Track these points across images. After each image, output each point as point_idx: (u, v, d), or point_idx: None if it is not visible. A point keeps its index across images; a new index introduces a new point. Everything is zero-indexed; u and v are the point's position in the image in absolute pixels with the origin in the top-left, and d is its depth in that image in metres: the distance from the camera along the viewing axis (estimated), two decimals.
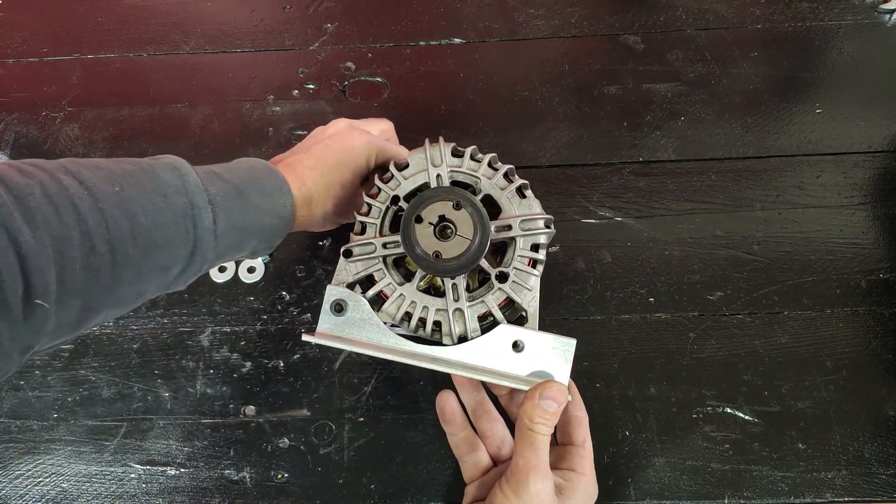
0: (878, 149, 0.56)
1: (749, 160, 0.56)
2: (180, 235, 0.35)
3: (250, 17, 0.66)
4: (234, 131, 0.60)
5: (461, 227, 0.39)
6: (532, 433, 0.37)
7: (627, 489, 0.45)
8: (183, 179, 0.35)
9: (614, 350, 0.49)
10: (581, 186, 0.55)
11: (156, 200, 0.34)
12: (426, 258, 0.39)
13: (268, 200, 0.39)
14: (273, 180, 0.40)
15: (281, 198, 0.40)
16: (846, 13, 0.63)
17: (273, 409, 0.48)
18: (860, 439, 0.45)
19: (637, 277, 0.51)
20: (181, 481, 0.46)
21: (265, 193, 0.39)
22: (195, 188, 0.35)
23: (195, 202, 0.35)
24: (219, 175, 0.38)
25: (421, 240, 0.39)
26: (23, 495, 0.46)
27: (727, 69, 0.61)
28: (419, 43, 0.64)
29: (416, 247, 0.39)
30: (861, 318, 0.49)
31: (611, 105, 0.59)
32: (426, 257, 0.39)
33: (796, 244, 0.52)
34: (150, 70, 0.64)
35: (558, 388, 0.38)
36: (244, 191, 0.38)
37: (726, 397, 0.47)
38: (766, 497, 0.44)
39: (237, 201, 0.37)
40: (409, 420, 0.47)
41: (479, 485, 0.42)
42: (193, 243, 0.35)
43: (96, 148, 0.59)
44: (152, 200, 0.34)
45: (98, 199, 0.31)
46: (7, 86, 0.63)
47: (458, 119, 0.59)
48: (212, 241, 0.36)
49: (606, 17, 0.64)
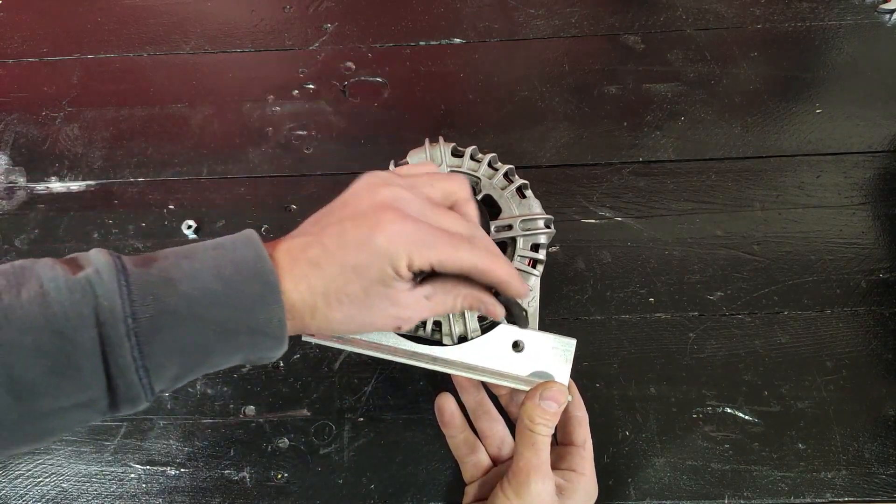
0: (878, 149, 0.56)
1: (749, 160, 0.56)
2: (81, 381, 0.26)
3: (250, 17, 0.66)
4: (234, 131, 0.60)
5: None
6: (532, 434, 0.37)
7: (627, 489, 0.45)
8: (96, 303, 0.26)
9: (614, 350, 0.49)
10: (581, 186, 0.55)
11: (44, 343, 0.25)
12: None
13: (241, 316, 0.28)
14: (256, 286, 0.29)
15: (264, 311, 0.29)
16: (846, 13, 0.63)
17: (273, 409, 0.48)
18: (860, 439, 0.45)
19: (637, 277, 0.51)
20: (181, 481, 0.46)
21: (236, 307, 0.28)
22: (109, 317, 0.26)
23: (108, 336, 0.26)
24: (169, 282, 0.28)
25: None
26: (23, 495, 0.46)
27: (727, 69, 0.61)
28: (419, 43, 0.64)
29: None
30: (861, 318, 0.49)
31: (611, 105, 0.59)
32: None
33: (796, 244, 0.52)
34: (150, 70, 0.64)
35: (558, 388, 0.38)
36: (201, 306, 0.28)
37: (726, 397, 0.47)
38: (766, 497, 0.44)
39: (187, 322, 0.28)
40: (409, 420, 0.47)
41: (479, 485, 0.42)
42: (106, 384, 0.27)
43: (96, 148, 0.59)
44: (39, 343, 0.25)
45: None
46: (7, 86, 0.63)
47: (458, 119, 0.59)
48: (135, 378, 0.27)
49: (606, 17, 0.64)
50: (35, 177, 0.58)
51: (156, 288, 0.27)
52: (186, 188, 0.57)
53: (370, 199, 0.31)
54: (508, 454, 0.43)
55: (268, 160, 0.58)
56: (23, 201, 0.57)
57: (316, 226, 0.32)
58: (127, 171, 0.58)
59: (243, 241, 0.30)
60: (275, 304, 0.29)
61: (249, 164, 0.58)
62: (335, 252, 0.30)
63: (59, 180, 0.58)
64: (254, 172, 0.57)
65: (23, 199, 0.57)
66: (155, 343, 0.27)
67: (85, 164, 0.58)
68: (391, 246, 0.30)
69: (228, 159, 0.58)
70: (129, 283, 0.27)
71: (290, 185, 0.57)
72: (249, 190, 0.57)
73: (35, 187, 0.58)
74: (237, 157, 0.58)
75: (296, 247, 0.31)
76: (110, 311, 0.26)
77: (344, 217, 0.31)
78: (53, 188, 0.58)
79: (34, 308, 0.26)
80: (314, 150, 0.58)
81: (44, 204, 0.57)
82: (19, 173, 0.58)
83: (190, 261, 0.29)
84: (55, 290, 0.26)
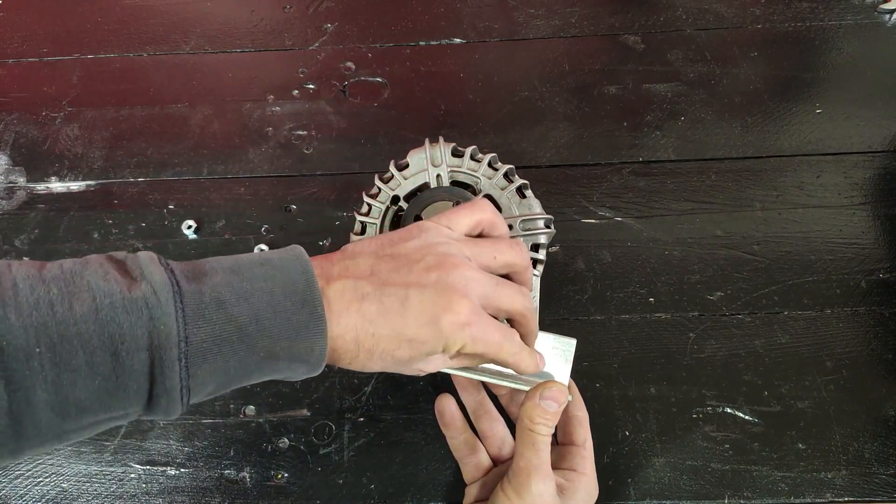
0: (878, 149, 0.56)
1: (749, 160, 0.56)
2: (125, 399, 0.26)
3: (250, 17, 0.66)
4: (233, 131, 0.60)
5: None
6: (533, 434, 0.37)
7: (627, 489, 0.45)
8: (152, 326, 0.26)
9: (614, 350, 0.49)
10: (581, 186, 0.55)
11: (98, 363, 0.25)
12: None
13: (285, 344, 0.29)
14: (304, 315, 0.29)
15: (307, 340, 0.29)
16: (846, 13, 0.63)
17: (273, 409, 0.48)
18: (860, 439, 0.45)
19: (637, 277, 0.51)
20: (181, 481, 0.46)
21: (283, 336, 0.28)
22: (164, 340, 0.26)
23: (160, 359, 0.26)
24: (221, 305, 0.27)
25: None
26: (23, 495, 0.46)
27: (727, 69, 0.61)
28: (419, 43, 0.64)
29: None
30: (861, 318, 0.49)
31: (611, 105, 0.59)
32: None
33: (796, 244, 0.52)
34: (150, 70, 0.64)
35: (559, 388, 0.38)
36: (250, 334, 0.28)
37: (726, 397, 0.47)
38: (766, 497, 0.44)
39: (236, 346, 0.28)
40: (409, 420, 0.47)
41: (480, 485, 0.42)
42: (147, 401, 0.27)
43: (96, 148, 0.59)
44: (92, 364, 0.25)
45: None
46: (7, 86, 0.63)
47: (458, 119, 0.59)
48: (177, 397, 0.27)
49: (606, 17, 0.64)
50: (35, 177, 0.58)
51: (208, 310, 0.27)
52: (186, 188, 0.57)
53: (438, 273, 0.31)
54: (509, 454, 0.43)
55: (268, 160, 0.58)
56: (23, 201, 0.57)
57: (372, 272, 0.31)
58: (127, 171, 0.58)
59: (293, 262, 0.30)
60: (319, 336, 0.29)
61: (249, 164, 0.58)
62: (394, 318, 0.30)
63: (59, 180, 0.58)
64: (254, 172, 0.57)
65: (23, 199, 0.57)
66: (203, 366, 0.27)
67: (85, 164, 0.58)
68: (453, 335, 0.31)
69: (228, 159, 0.58)
70: (184, 306, 0.27)
71: (290, 185, 0.57)
72: (249, 190, 0.57)
73: (35, 187, 0.58)
74: (237, 157, 0.58)
75: (350, 290, 0.31)
76: (166, 336, 0.26)
77: (409, 282, 0.31)
78: (53, 188, 0.58)
79: (89, 326, 0.25)
80: (314, 150, 0.58)
81: (44, 204, 0.57)
82: (19, 173, 0.58)
83: (239, 277, 0.28)
84: (110, 308, 0.25)
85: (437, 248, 0.32)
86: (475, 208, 0.36)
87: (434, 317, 0.31)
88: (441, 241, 0.33)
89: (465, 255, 0.33)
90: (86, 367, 0.25)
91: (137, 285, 0.26)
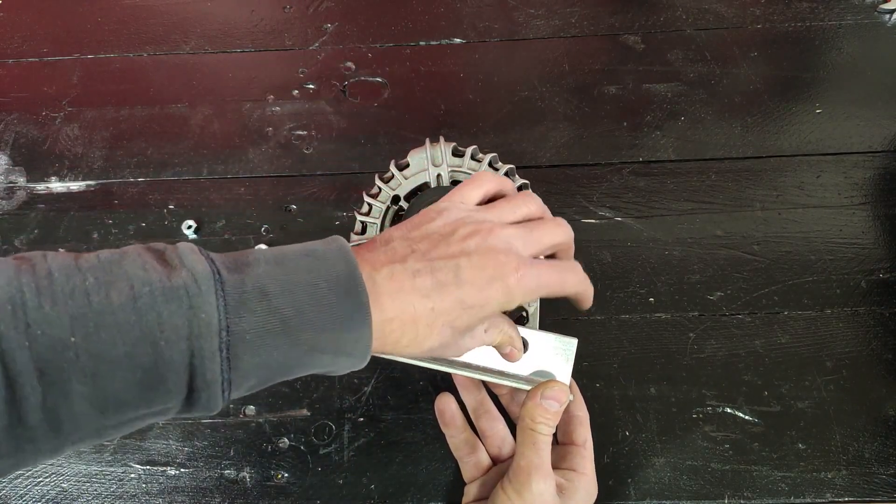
0: (878, 149, 0.56)
1: (749, 160, 0.56)
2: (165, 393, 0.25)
3: (250, 17, 0.66)
4: (233, 131, 0.60)
5: None
6: (534, 433, 0.37)
7: (627, 489, 0.45)
8: (192, 314, 0.25)
9: (614, 350, 0.49)
10: (581, 186, 0.55)
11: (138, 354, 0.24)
12: None
13: (330, 336, 0.28)
14: (349, 305, 0.28)
15: (352, 332, 0.28)
16: (846, 13, 0.63)
17: (273, 409, 0.48)
18: (860, 439, 0.45)
19: (637, 277, 0.51)
20: (181, 481, 0.46)
21: (327, 329, 0.28)
22: (205, 330, 0.25)
23: (200, 349, 0.25)
24: (264, 296, 0.27)
25: None
26: (23, 495, 0.46)
27: (727, 69, 0.61)
28: (419, 43, 0.64)
29: None
30: (861, 318, 0.49)
31: (611, 105, 0.59)
32: None
33: (796, 244, 0.52)
34: (150, 70, 0.64)
35: (560, 387, 0.38)
36: (294, 326, 0.27)
37: (726, 397, 0.47)
38: (766, 497, 0.44)
39: (279, 339, 0.27)
40: (409, 420, 0.47)
41: (479, 484, 0.42)
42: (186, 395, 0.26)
43: (96, 148, 0.59)
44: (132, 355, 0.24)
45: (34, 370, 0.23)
46: (7, 86, 0.63)
47: (458, 119, 0.59)
48: (217, 391, 0.26)
49: (606, 17, 0.64)
50: (35, 177, 0.58)
51: (251, 300, 0.26)
52: (186, 188, 0.57)
53: (475, 240, 0.32)
54: (509, 453, 0.43)
55: (268, 160, 0.58)
56: (23, 201, 0.57)
57: (413, 251, 0.32)
58: (127, 171, 0.58)
59: (336, 252, 0.30)
60: (364, 327, 0.29)
61: (249, 164, 0.58)
62: (452, 290, 0.31)
63: (59, 180, 0.58)
64: (254, 172, 0.57)
65: (23, 199, 0.57)
66: (244, 358, 0.26)
67: (85, 164, 0.58)
68: (515, 288, 0.31)
69: (228, 159, 0.58)
70: (225, 295, 0.26)
71: (290, 185, 0.57)
72: (249, 190, 0.57)
73: (35, 187, 0.58)
74: (237, 157, 0.58)
75: (399, 271, 0.31)
76: (207, 325, 0.25)
77: (453, 253, 0.31)
78: (53, 188, 0.58)
79: (127, 315, 0.24)
80: (314, 150, 0.58)
81: (44, 204, 0.57)
82: (19, 173, 0.58)
83: (283, 269, 0.28)
84: (149, 296, 0.25)
85: (464, 220, 0.33)
86: (479, 181, 0.37)
87: (490, 278, 0.31)
88: (463, 214, 0.34)
89: (489, 218, 0.34)
90: (125, 357, 0.24)
91: (177, 273, 0.26)
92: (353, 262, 0.29)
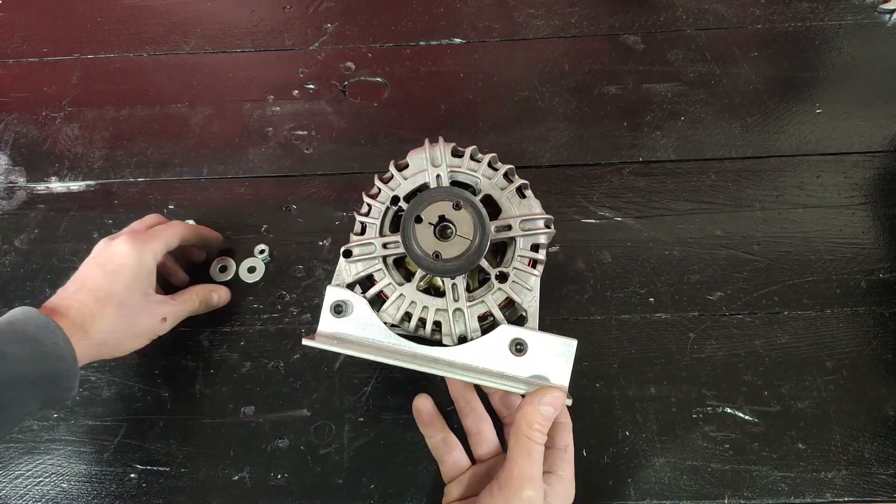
0: (878, 149, 0.56)
1: (749, 160, 0.56)
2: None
3: (250, 17, 0.66)
4: (233, 131, 0.60)
5: (461, 227, 0.39)
6: (530, 441, 0.37)
7: (627, 489, 0.45)
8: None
9: (614, 350, 0.49)
10: (581, 186, 0.55)
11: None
12: (426, 258, 0.39)
13: (33, 347, 0.37)
14: (36, 325, 0.38)
15: (50, 335, 0.38)
16: (846, 13, 0.63)
17: (273, 410, 0.48)
18: (860, 439, 0.45)
19: (637, 277, 0.51)
20: (181, 481, 0.46)
21: (26, 340, 0.37)
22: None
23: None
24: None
25: (421, 240, 0.39)
26: (23, 495, 0.46)
27: (727, 69, 0.61)
28: (419, 43, 0.64)
29: (416, 247, 0.39)
30: (861, 318, 0.49)
31: (611, 105, 0.59)
32: (426, 257, 0.39)
33: (796, 244, 0.52)
34: (150, 70, 0.64)
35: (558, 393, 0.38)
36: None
37: (726, 397, 0.47)
38: (766, 497, 0.44)
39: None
40: (409, 420, 0.47)
41: (459, 483, 0.42)
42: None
43: (96, 148, 0.59)
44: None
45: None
46: (7, 86, 0.63)
47: (458, 119, 0.59)
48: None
49: (606, 17, 0.64)
50: (35, 177, 0.58)
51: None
52: (186, 188, 0.57)
53: (101, 246, 0.45)
54: (490, 453, 0.43)
55: (268, 160, 0.58)
56: (23, 201, 0.57)
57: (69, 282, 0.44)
58: (127, 171, 0.58)
59: (15, 310, 0.39)
60: (55, 329, 0.38)
61: (249, 164, 0.58)
62: (89, 274, 0.44)
63: (59, 180, 0.58)
64: (254, 172, 0.57)
65: (23, 199, 0.57)
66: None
67: (85, 164, 0.58)
68: (131, 248, 0.44)
69: (228, 159, 0.58)
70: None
71: (290, 185, 0.57)
72: (249, 190, 0.57)
73: (35, 187, 0.58)
74: (237, 157, 0.58)
75: (57, 297, 0.42)
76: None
77: (86, 261, 0.45)
78: (53, 188, 0.58)
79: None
80: (314, 150, 0.58)
81: (44, 204, 0.57)
82: (19, 173, 0.58)
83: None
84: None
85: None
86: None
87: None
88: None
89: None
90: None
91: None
92: (29, 309, 0.39)
